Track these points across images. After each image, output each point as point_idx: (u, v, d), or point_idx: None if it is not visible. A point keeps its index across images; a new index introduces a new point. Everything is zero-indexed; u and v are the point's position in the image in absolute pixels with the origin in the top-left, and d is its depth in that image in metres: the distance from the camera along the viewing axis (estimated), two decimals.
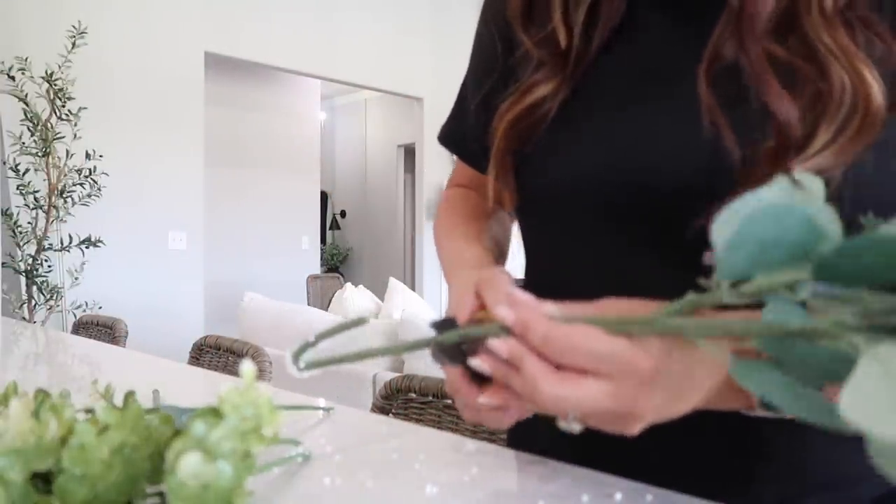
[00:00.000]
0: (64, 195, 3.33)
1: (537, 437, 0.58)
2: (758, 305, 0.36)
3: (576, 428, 0.41)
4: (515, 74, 0.61)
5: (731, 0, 0.48)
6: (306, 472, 0.51)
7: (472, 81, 0.71)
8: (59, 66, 3.28)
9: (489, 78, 0.65)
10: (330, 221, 7.95)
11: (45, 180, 3.30)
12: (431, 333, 0.47)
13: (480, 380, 0.45)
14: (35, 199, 3.28)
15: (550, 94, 0.56)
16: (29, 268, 3.27)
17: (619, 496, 0.45)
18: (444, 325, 0.47)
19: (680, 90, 0.51)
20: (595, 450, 0.51)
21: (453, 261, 0.62)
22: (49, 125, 3.26)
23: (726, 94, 0.48)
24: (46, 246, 3.31)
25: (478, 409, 0.46)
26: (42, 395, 0.38)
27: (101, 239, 3.43)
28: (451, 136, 0.76)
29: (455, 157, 0.79)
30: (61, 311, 3.41)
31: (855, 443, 0.33)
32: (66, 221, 3.38)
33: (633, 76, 0.55)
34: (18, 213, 3.29)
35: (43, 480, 0.35)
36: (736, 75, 0.48)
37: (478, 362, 0.43)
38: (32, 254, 3.29)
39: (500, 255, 0.68)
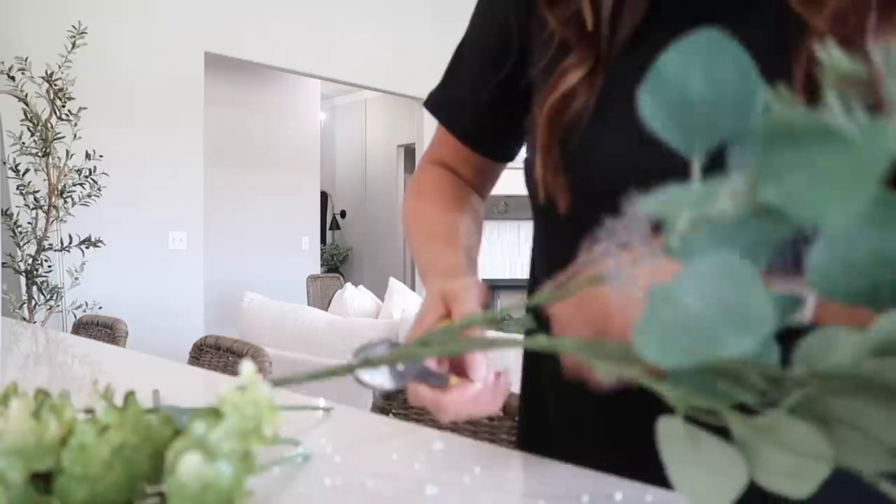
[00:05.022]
0: (64, 195, 3.32)
1: (547, 439, 0.58)
2: None
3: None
4: (533, 56, 0.60)
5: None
6: (306, 472, 0.51)
7: (472, 51, 0.69)
8: (59, 66, 3.28)
9: (502, 56, 0.64)
10: (330, 221, 7.95)
11: (45, 180, 3.30)
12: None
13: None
14: (35, 199, 3.28)
15: (584, 81, 0.54)
16: (29, 268, 3.27)
17: (619, 496, 0.45)
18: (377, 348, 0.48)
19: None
20: (599, 450, 0.51)
21: (429, 269, 0.63)
22: (49, 125, 3.26)
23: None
24: (46, 246, 3.30)
25: (451, 409, 0.49)
26: (42, 395, 0.38)
27: (101, 239, 3.43)
28: (441, 104, 0.74)
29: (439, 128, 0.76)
30: (61, 312, 3.41)
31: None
32: (66, 221, 3.38)
33: None
34: (18, 213, 3.29)
35: (43, 480, 0.35)
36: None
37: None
38: (32, 254, 3.28)
39: (473, 247, 0.68)
